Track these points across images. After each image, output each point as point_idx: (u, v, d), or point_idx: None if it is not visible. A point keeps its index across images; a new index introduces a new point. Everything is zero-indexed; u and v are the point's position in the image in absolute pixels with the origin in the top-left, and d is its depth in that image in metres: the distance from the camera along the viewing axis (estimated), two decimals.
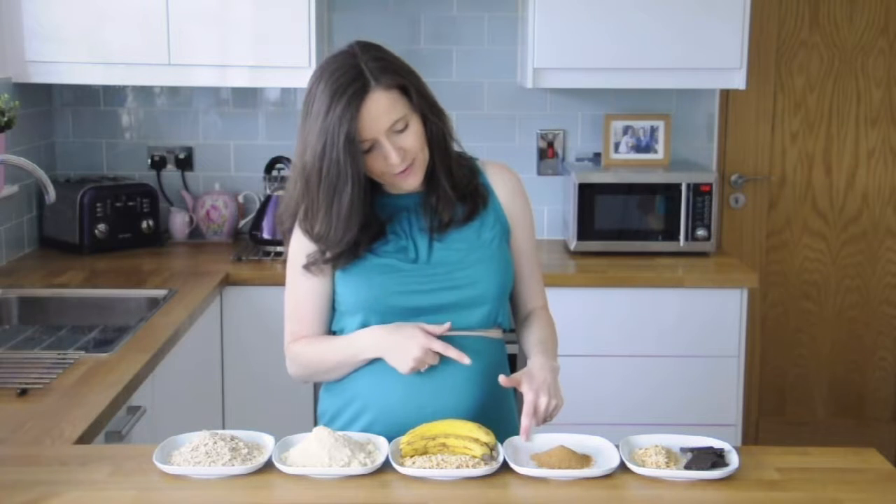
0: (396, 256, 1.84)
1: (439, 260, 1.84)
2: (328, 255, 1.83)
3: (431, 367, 1.79)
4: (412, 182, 1.82)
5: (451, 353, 1.75)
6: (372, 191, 1.83)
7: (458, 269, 1.83)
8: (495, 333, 1.91)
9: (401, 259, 1.84)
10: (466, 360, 1.75)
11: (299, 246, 1.88)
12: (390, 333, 1.80)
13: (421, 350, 1.75)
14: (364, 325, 1.85)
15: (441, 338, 1.79)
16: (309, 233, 1.83)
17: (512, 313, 1.99)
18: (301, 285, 1.89)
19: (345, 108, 1.72)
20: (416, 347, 1.75)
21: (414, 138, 1.79)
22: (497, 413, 1.87)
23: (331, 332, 1.92)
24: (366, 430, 1.81)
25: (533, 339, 1.92)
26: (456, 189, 1.86)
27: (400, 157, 1.77)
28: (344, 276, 1.85)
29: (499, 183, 1.94)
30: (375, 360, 1.84)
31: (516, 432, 1.77)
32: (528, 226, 1.98)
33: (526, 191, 1.98)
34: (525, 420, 1.74)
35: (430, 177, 1.86)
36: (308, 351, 1.90)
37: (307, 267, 1.85)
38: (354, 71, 1.74)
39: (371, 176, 1.81)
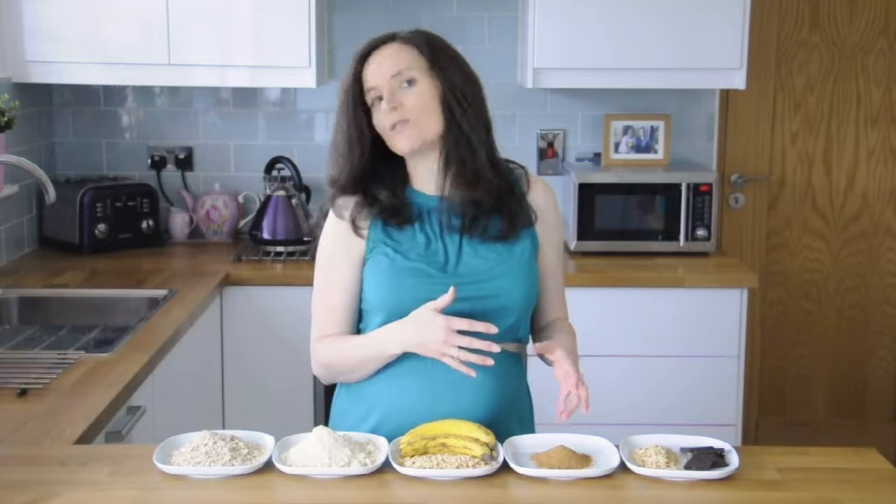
0: (425, 260, 1.81)
1: (467, 268, 1.82)
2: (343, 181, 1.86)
3: (446, 374, 1.76)
4: (401, 144, 1.82)
5: (478, 326, 1.71)
6: (401, 175, 1.87)
7: (486, 279, 1.79)
8: (514, 347, 1.88)
9: (429, 264, 1.80)
10: (493, 329, 1.71)
11: (331, 234, 1.87)
12: (405, 326, 1.76)
13: (444, 331, 1.70)
14: (385, 324, 1.82)
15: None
16: (332, 178, 1.88)
17: (531, 323, 1.96)
18: (329, 280, 1.87)
19: (361, 56, 1.82)
20: (439, 330, 1.70)
21: (417, 97, 1.79)
22: (511, 424, 1.85)
23: (357, 330, 1.90)
24: (378, 431, 1.79)
25: (555, 337, 1.88)
26: (476, 183, 1.83)
27: (391, 107, 1.78)
28: (372, 275, 1.83)
29: (535, 198, 1.93)
30: (392, 365, 1.81)
31: None
32: (558, 243, 1.97)
33: (560, 208, 1.98)
34: (573, 401, 1.74)
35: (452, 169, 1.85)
36: (331, 349, 1.87)
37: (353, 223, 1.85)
38: (388, 34, 1.85)
39: (381, 133, 1.84)
